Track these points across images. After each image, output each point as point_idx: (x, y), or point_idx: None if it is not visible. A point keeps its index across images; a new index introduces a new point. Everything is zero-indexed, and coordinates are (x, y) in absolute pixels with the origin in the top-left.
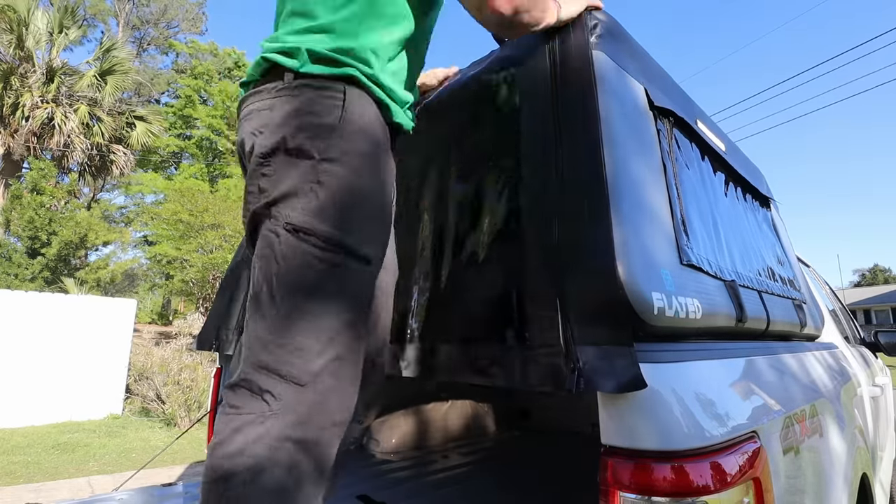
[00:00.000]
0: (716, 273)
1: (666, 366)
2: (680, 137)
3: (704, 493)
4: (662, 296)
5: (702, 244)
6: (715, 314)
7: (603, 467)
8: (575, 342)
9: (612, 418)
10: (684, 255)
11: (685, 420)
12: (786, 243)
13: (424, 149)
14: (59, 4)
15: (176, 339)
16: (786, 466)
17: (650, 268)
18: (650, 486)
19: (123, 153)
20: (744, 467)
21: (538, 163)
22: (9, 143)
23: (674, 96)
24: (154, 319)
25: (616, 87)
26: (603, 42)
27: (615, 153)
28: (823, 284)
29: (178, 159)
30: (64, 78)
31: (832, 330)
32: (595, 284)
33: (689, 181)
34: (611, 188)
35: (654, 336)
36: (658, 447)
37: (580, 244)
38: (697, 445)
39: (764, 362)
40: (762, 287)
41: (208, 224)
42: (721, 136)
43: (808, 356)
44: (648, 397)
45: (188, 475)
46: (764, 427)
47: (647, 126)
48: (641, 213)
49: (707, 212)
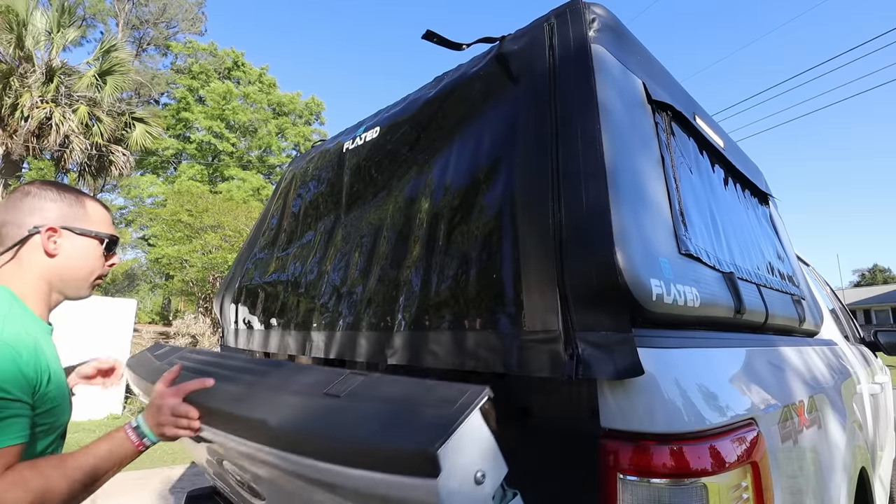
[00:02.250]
0: (714, 264)
1: (668, 352)
2: (678, 131)
3: (703, 475)
4: (661, 283)
5: (700, 236)
6: (713, 304)
7: (602, 450)
8: (574, 328)
9: (613, 402)
10: (682, 244)
11: (685, 405)
12: (785, 240)
13: (430, 141)
14: (59, 4)
15: (176, 340)
16: (784, 454)
17: (648, 255)
18: (649, 469)
19: (123, 154)
20: (742, 452)
21: (539, 153)
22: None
23: (672, 91)
24: (154, 319)
25: (615, 80)
26: (602, 36)
27: (614, 144)
28: (823, 284)
29: (178, 160)
30: (63, 78)
31: (832, 328)
32: (594, 271)
33: (688, 174)
34: (610, 177)
35: (653, 322)
36: (658, 430)
37: (580, 232)
38: (696, 429)
39: (763, 354)
40: (760, 281)
41: (208, 225)
42: (720, 133)
43: (808, 351)
44: (649, 382)
45: (188, 475)
46: (762, 415)
47: (646, 119)
48: (640, 202)
49: (705, 205)
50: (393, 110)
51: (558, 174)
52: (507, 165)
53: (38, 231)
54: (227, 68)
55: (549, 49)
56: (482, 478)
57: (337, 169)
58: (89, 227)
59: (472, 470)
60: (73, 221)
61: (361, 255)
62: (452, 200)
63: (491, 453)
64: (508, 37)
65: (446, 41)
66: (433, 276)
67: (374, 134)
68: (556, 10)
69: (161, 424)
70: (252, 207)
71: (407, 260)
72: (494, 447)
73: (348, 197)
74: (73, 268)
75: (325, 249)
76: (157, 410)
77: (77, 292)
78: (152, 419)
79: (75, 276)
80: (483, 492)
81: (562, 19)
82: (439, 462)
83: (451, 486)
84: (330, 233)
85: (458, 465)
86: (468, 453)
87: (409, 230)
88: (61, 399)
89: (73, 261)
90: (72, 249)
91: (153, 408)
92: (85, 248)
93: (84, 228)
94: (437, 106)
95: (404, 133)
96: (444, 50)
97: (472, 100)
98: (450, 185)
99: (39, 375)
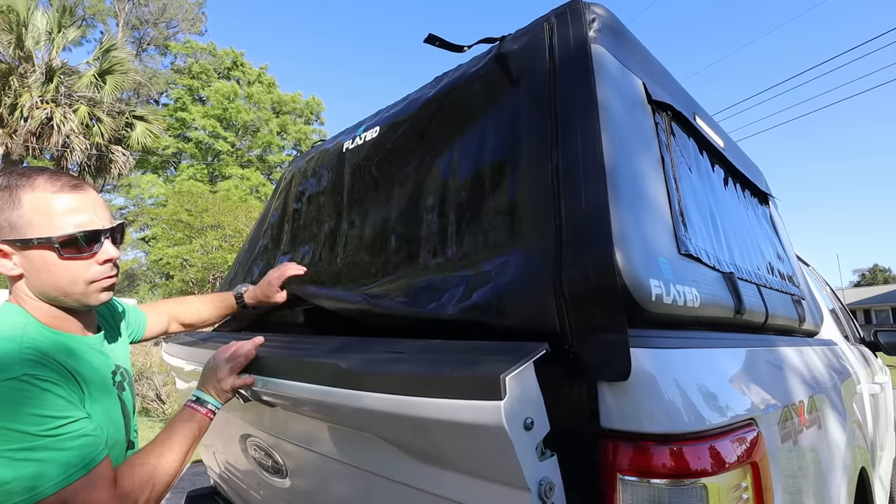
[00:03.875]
0: (714, 264)
1: (668, 352)
2: (678, 131)
3: (703, 475)
4: (660, 283)
5: (700, 236)
6: (713, 304)
7: (602, 450)
8: (572, 329)
9: (613, 402)
10: (682, 245)
11: (685, 405)
12: (785, 240)
13: (430, 141)
14: (59, 4)
15: None
16: (784, 454)
17: (648, 256)
18: (649, 469)
19: (123, 154)
20: (742, 452)
21: (538, 153)
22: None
23: (672, 91)
24: None
25: (614, 80)
26: (602, 36)
27: (613, 144)
28: (823, 284)
29: (178, 160)
30: (63, 78)
31: (832, 328)
32: (592, 271)
33: (688, 175)
34: (609, 177)
35: (652, 322)
36: (658, 430)
37: (579, 232)
38: (696, 429)
39: (764, 354)
40: (761, 281)
41: (208, 224)
42: (720, 133)
43: (808, 351)
44: (649, 382)
45: (188, 475)
46: (762, 415)
47: (646, 119)
48: (639, 203)
49: (705, 205)
50: (393, 110)
51: (557, 174)
52: (507, 165)
53: None
54: (226, 68)
55: (548, 49)
56: (531, 425)
57: (337, 169)
58: (30, 234)
59: (524, 413)
60: (10, 231)
61: (362, 255)
62: (452, 200)
63: (539, 407)
64: (508, 37)
65: (448, 44)
66: (433, 277)
67: (374, 133)
68: (556, 10)
69: (221, 380)
70: (252, 207)
71: (406, 259)
72: (542, 403)
73: (349, 196)
74: (48, 285)
75: (325, 249)
76: (212, 372)
77: (84, 303)
78: (210, 384)
79: (61, 291)
80: (531, 438)
81: (562, 19)
82: (505, 386)
83: (512, 413)
84: (330, 233)
85: (516, 399)
86: (523, 395)
87: (409, 229)
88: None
89: (42, 278)
90: (29, 265)
91: (209, 373)
92: (41, 261)
93: (23, 238)
94: (436, 106)
95: (404, 133)
96: (444, 51)
97: (471, 100)
98: (450, 185)
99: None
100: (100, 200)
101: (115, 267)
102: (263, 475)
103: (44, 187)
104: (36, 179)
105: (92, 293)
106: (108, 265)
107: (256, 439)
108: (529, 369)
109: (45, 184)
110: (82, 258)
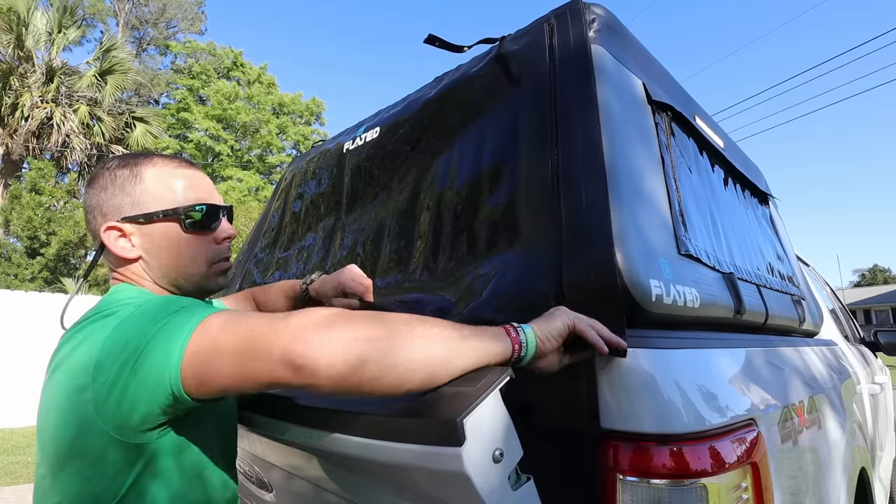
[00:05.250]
0: (714, 264)
1: (668, 352)
2: (678, 132)
3: (703, 476)
4: (660, 283)
5: (700, 236)
6: (713, 304)
7: (602, 451)
8: None
9: (613, 402)
10: (682, 245)
11: (685, 405)
12: (784, 240)
13: (430, 142)
14: (59, 4)
15: None
16: (784, 454)
17: (648, 256)
18: (649, 469)
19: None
20: (742, 453)
21: (538, 154)
22: (8, 143)
23: (672, 91)
24: None
25: (614, 80)
26: (601, 36)
27: (613, 144)
28: (823, 284)
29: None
30: (63, 78)
31: (832, 328)
32: (592, 272)
33: (688, 175)
34: (609, 178)
35: (652, 323)
36: (658, 430)
37: (579, 232)
38: (696, 430)
39: (763, 354)
40: (761, 281)
41: None
42: (720, 133)
43: (808, 351)
44: (649, 382)
45: None
46: (762, 416)
47: (646, 119)
48: (639, 203)
49: (705, 205)
50: (393, 110)
51: (557, 174)
52: (507, 166)
53: None
54: (226, 67)
55: (548, 49)
56: (500, 456)
57: (337, 169)
58: (155, 207)
59: (491, 447)
60: (132, 208)
61: (362, 256)
62: (453, 200)
63: (509, 434)
64: (508, 37)
65: (448, 44)
66: (434, 277)
67: (375, 134)
68: (556, 11)
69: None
70: (251, 208)
71: (407, 260)
72: (512, 429)
73: (349, 197)
74: (169, 265)
75: (325, 250)
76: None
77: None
78: (546, 322)
79: (182, 272)
80: (501, 470)
81: (562, 19)
82: (464, 430)
83: (476, 454)
84: (331, 233)
85: (479, 438)
86: (488, 429)
87: (409, 230)
88: None
89: (164, 257)
90: (150, 244)
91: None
92: (164, 236)
93: (148, 212)
94: (437, 106)
95: (404, 133)
96: (445, 52)
97: (472, 100)
98: (450, 186)
99: None
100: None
101: (230, 249)
102: (252, 487)
103: (164, 164)
104: (154, 157)
105: (211, 275)
106: (225, 245)
107: (239, 454)
108: (493, 399)
109: (164, 161)
110: (204, 234)
